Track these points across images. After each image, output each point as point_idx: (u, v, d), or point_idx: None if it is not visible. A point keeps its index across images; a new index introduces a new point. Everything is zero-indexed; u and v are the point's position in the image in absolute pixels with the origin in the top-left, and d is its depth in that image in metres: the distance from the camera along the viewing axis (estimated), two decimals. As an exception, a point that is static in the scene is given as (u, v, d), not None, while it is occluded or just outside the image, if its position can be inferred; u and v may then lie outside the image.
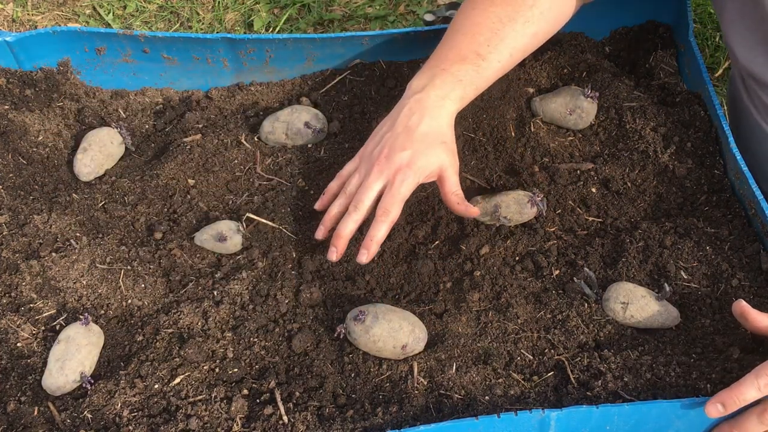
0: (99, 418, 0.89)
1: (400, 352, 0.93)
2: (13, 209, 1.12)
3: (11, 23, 2.24)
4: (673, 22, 1.34)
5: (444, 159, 1.02)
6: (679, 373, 0.90)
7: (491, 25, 1.07)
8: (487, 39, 1.07)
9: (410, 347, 0.93)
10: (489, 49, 1.07)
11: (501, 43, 1.07)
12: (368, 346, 0.94)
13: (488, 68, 1.07)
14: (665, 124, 1.19)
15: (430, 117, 1.03)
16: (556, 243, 1.06)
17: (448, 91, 1.04)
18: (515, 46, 1.09)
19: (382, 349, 0.93)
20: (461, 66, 1.06)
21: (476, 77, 1.06)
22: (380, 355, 0.94)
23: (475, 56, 1.06)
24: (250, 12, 2.23)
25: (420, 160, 1.01)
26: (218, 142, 1.22)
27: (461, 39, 1.09)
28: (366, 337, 0.93)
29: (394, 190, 1.00)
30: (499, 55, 1.08)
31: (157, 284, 1.05)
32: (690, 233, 1.05)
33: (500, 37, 1.07)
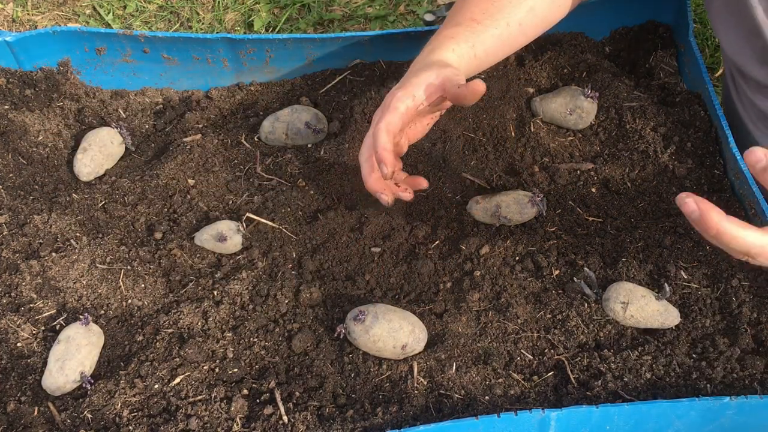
0: (99, 418, 0.89)
1: (400, 352, 0.93)
2: (13, 209, 1.12)
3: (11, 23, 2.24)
4: (673, 22, 1.34)
5: (436, 71, 0.97)
6: (679, 373, 0.90)
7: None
8: (483, 9, 1.07)
9: (410, 347, 0.93)
10: (484, 15, 1.06)
11: (498, 12, 1.06)
12: (368, 346, 0.94)
13: (484, 32, 1.06)
14: (665, 124, 1.19)
15: (421, 57, 1.03)
16: (556, 243, 1.06)
17: (437, 45, 1.04)
18: (513, 18, 1.07)
19: (382, 349, 0.93)
20: (455, 29, 1.05)
21: (470, 35, 1.05)
22: (380, 355, 0.94)
23: (469, 21, 1.06)
24: (250, 12, 2.23)
25: (407, 78, 0.98)
26: (218, 142, 1.22)
27: (456, 12, 1.09)
28: (366, 337, 0.93)
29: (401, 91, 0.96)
30: (496, 22, 1.06)
31: (157, 284, 1.05)
32: (690, 233, 1.05)
33: (496, 7, 1.06)
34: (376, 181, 0.99)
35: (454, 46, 1.03)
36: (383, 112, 0.96)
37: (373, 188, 0.99)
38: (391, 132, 0.95)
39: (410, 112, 0.96)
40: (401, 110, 0.95)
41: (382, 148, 0.94)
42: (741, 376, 0.89)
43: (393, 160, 0.94)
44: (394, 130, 0.95)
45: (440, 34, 1.06)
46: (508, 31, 1.07)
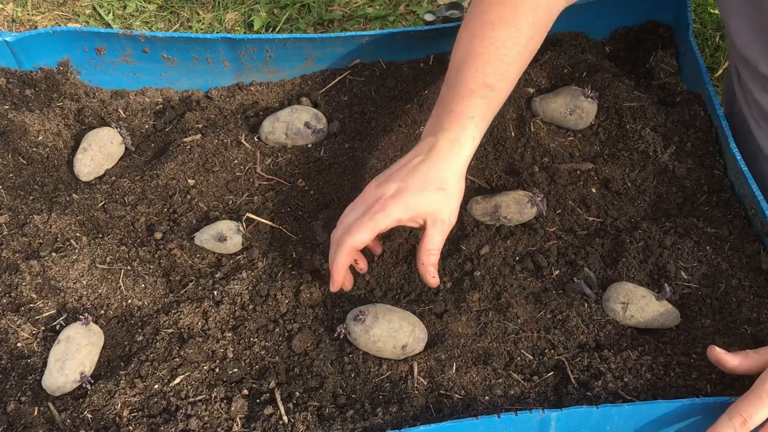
0: (99, 418, 0.89)
1: (400, 352, 0.93)
2: (13, 209, 1.12)
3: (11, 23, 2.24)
4: (673, 22, 1.34)
5: (435, 207, 0.93)
6: (679, 373, 0.90)
7: (496, 51, 1.00)
8: (494, 68, 1.00)
9: (410, 347, 0.93)
10: (497, 77, 0.99)
11: (509, 68, 1.01)
12: (368, 346, 0.94)
13: (497, 97, 1.00)
14: (665, 124, 1.19)
15: (437, 159, 0.94)
16: (556, 243, 1.06)
17: (458, 134, 0.96)
18: (521, 67, 1.04)
19: (382, 350, 0.93)
20: (470, 102, 0.98)
21: (487, 110, 0.99)
22: (380, 356, 0.94)
23: (483, 88, 0.99)
24: (250, 12, 2.23)
25: (407, 196, 0.92)
26: (218, 142, 1.22)
27: (466, 73, 1.00)
28: (366, 337, 0.93)
29: (366, 217, 0.92)
30: (507, 82, 1.01)
31: (157, 284, 1.05)
32: (690, 233, 1.05)
33: (507, 62, 1.00)
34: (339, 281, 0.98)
35: (474, 132, 0.97)
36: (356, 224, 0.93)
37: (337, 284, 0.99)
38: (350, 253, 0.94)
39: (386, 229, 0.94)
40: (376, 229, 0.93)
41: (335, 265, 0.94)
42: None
43: (340, 281, 0.96)
44: (358, 247, 0.94)
45: (457, 109, 0.97)
46: (514, 85, 1.04)
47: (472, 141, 0.97)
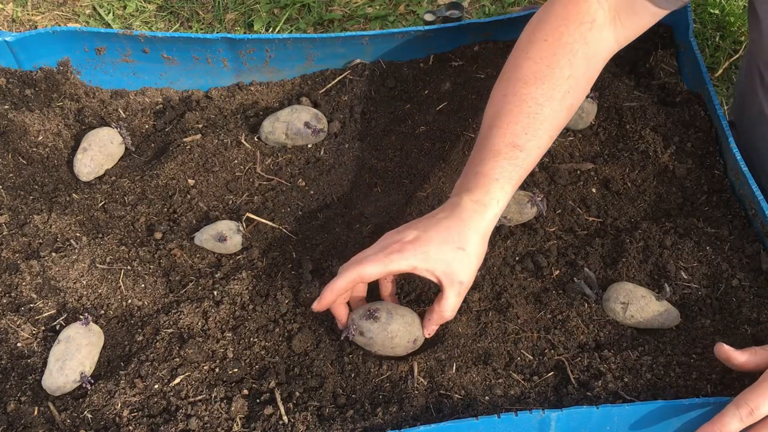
0: (99, 418, 0.89)
1: (411, 345, 0.93)
2: (13, 209, 1.12)
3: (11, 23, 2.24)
4: (673, 22, 1.34)
5: (454, 267, 0.89)
6: (679, 373, 0.90)
7: (527, 109, 0.96)
8: (524, 127, 0.95)
9: (419, 340, 0.94)
10: (527, 137, 0.95)
11: (540, 127, 0.96)
12: (384, 344, 0.92)
13: (527, 158, 0.95)
14: (665, 124, 1.19)
15: (460, 219, 0.91)
16: (556, 243, 1.06)
17: (482, 195, 0.92)
18: (554, 126, 0.98)
19: (397, 345, 0.92)
20: (496, 164, 0.94)
21: (514, 171, 0.94)
22: (393, 352, 0.94)
23: (511, 149, 0.94)
24: (250, 12, 2.23)
25: (426, 246, 0.89)
26: (218, 142, 1.22)
27: (495, 132, 0.96)
28: (384, 335, 0.92)
29: (381, 254, 0.89)
30: (539, 140, 0.96)
31: (157, 284, 1.05)
32: (690, 233, 1.05)
33: (539, 121, 0.96)
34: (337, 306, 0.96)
35: (499, 195, 0.93)
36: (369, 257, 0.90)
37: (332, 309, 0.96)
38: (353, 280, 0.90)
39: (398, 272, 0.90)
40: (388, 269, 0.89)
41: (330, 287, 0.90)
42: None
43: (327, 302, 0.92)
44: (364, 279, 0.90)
45: (483, 170, 0.94)
46: (549, 143, 0.99)
47: (496, 204, 0.93)
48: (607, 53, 1.04)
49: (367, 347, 0.95)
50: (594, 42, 1.00)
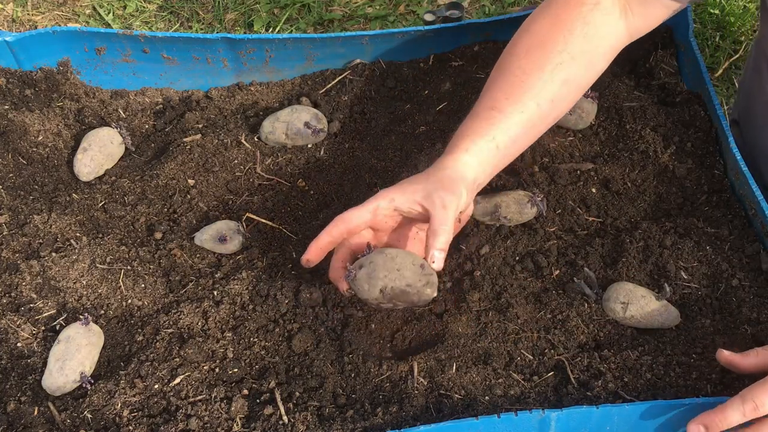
0: (99, 418, 0.89)
1: (420, 271, 0.90)
2: (13, 209, 1.12)
3: (11, 23, 2.24)
4: (673, 22, 1.34)
5: (431, 191, 0.92)
6: (679, 373, 0.90)
7: (512, 78, 0.98)
8: (506, 93, 0.98)
9: (427, 269, 0.90)
10: (507, 102, 0.97)
11: (524, 94, 0.97)
12: (387, 265, 0.89)
13: (505, 119, 0.96)
14: (665, 124, 1.19)
15: (432, 168, 0.96)
16: (556, 243, 1.06)
17: (451, 148, 0.97)
18: (543, 96, 0.98)
19: (402, 266, 0.89)
20: (471, 123, 0.98)
21: (487, 129, 0.96)
22: (403, 278, 0.90)
23: (488, 110, 0.97)
24: (250, 12, 2.23)
25: (403, 185, 0.94)
26: (218, 142, 1.22)
27: (479, 101, 1.01)
28: (382, 257, 0.89)
29: (360, 205, 0.93)
30: (522, 106, 0.97)
31: (157, 284, 1.05)
32: (690, 233, 1.05)
33: (523, 88, 0.97)
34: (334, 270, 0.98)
35: (468, 144, 0.96)
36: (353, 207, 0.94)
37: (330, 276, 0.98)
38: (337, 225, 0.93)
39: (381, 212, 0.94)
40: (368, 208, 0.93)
41: (316, 237, 0.93)
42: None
43: (315, 252, 0.94)
44: (349, 225, 0.93)
45: (458, 130, 0.99)
46: (539, 111, 0.98)
47: (465, 151, 0.96)
48: (615, 39, 1.04)
49: (373, 281, 0.90)
50: (597, 23, 1.00)
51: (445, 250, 0.91)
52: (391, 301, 0.91)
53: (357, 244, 0.97)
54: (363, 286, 0.90)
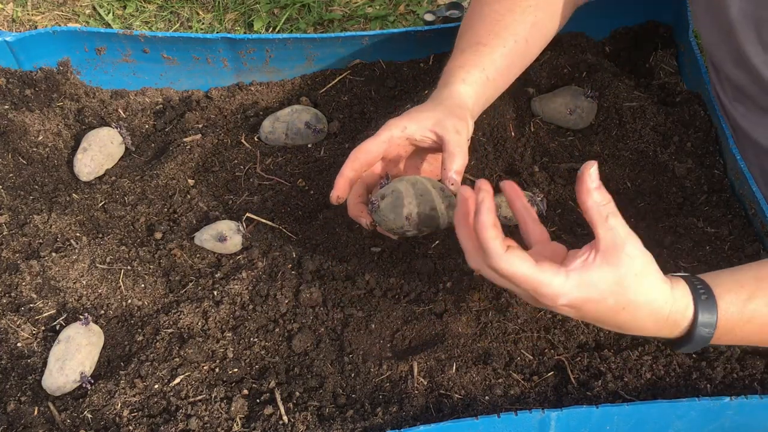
0: (99, 418, 0.89)
1: (441, 194, 0.90)
2: (13, 209, 1.12)
3: (11, 23, 2.24)
4: (673, 22, 1.34)
5: (440, 118, 0.94)
6: (679, 373, 0.90)
7: (489, 19, 1.06)
8: (487, 30, 1.05)
9: (447, 191, 0.91)
10: (489, 36, 1.04)
11: (503, 30, 1.04)
12: (409, 190, 0.89)
13: (492, 52, 1.03)
14: (665, 123, 1.19)
15: (430, 99, 1.00)
16: (556, 243, 1.06)
17: (446, 80, 1.02)
18: (519, 34, 1.05)
19: (424, 192, 0.89)
20: (460, 57, 1.04)
21: (479, 59, 1.02)
22: (429, 200, 0.89)
23: (474, 45, 1.04)
24: (250, 12, 2.23)
25: (409, 113, 0.96)
26: (218, 142, 1.22)
27: (460, 39, 1.07)
28: (404, 183, 0.89)
29: (372, 136, 0.95)
30: (503, 40, 1.04)
31: (157, 284, 1.05)
32: (690, 233, 1.05)
33: (501, 25, 1.05)
34: (353, 206, 0.98)
35: (464, 75, 1.01)
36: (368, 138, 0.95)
37: (350, 213, 0.99)
38: (357, 158, 0.94)
39: (395, 141, 0.95)
40: (382, 138, 0.94)
41: (339, 173, 0.94)
42: (741, 376, 0.89)
43: (343, 186, 0.95)
44: (368, 156, 0.94)
45: (448, 65, 1.04)
46: (516, 47, 1.05)
47: (462, 82, 1.00)
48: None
49: (398, 209, 0.89)
50: None
51: (461, 173, 0.93)
52: (417, 227, 0.90)
53: (370, 177, 0.99)
54: (388, 216, 0.90)
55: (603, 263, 0.75)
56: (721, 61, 1.10)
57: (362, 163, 0.95)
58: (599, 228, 0.76)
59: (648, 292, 0.76)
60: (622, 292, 0.75)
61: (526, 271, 0.74)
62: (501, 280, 0.78)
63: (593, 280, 0.75)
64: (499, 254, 0.74)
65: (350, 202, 0.98)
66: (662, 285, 0.78)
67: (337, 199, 0.96)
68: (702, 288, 0.80)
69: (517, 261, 0.74)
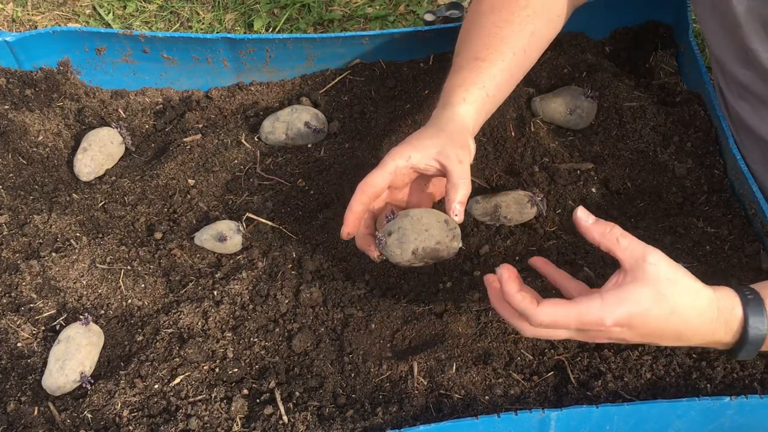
0: (99, 418, 0.89)
1: (445, 227, 0.91)
2: (13, 209, 1.12)
3: (11, 23, 2.24)
4: (673, 22, 1.34)
5: (443, 146, 0.94)
6: (679, 373, 0.90)
7: (486, 32, 1.05)
8: (485, 44, 1.04)
9: (451, 222, 0.92)
10: (488, 51, 1.03)
11: (501, 44, 1.04)
12: (415, 227, 0.91)
13: (491, 67, 1.02)
14: (665, 123, 1.19)
15: (431, 121, 1.00)
16: (556, 243, 1.06)
17: (446, 100, 1.01)
18: (518, 46, 1.04)
19: (429, 225, 0.91)
20: (458, 75, 1.03)
21: (477, 77, 1.02)
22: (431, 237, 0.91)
23: (472, 61, 1.03)
24: (250, 12, 2.23)
25: (412, 141, 0.95)
26: (218, 142, 1.22)
27: (458, 58, 1.06)
28: (409, 220, 0.91)
29: (377, 167, 0.94)
30: (501, 55, 1.03)
31: (157, 284, 1.05)
32: (690, 233, 1.05)
33: (499, 38, 1.04)
34: (361, 239, 0.98)
35: (464, 94, 1.00)
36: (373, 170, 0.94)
37: (359, 245, 0.98)
38: (365, 192, 0.94)
39: (400, 171, 0.94)
40: (388, 169, 0.94)
41: (348, 208, 0.94)
42: (741, 376, 0.89)
43: (352, 223, 0.94)
44: (375, 189, 0.94)
45: (448, 83, 1.03)
46: (515, 59, 1.05)
47: (462, 101, 1.00)
48: None
49: (405, 245, 0.91)
50: None
51: (465, 203, 0.94)
52: (423, 260, 0.93)
53: (377, 208, 1.00)
54: (395, 251, 0.92)
55: (632, 279, 0.78)
56: (725, 59, 1.10)
57: (370, 197, 0.95)
58: (616, 252, 0.80)
59: (688, 293, 0.79)
60: (662, 299, 0.77)
61: (563, 311, 0.78)
62: (555, 332, 0.81)
63: (629, 296, 0.77)
64: (534, 310, 0.78)
65: (358, 234, 0.98)
66: (699, 285, 0.80)
67: (347, 235, 0.96)
68: (747, 290, 0.82)
69: (551, 307, 0.78)
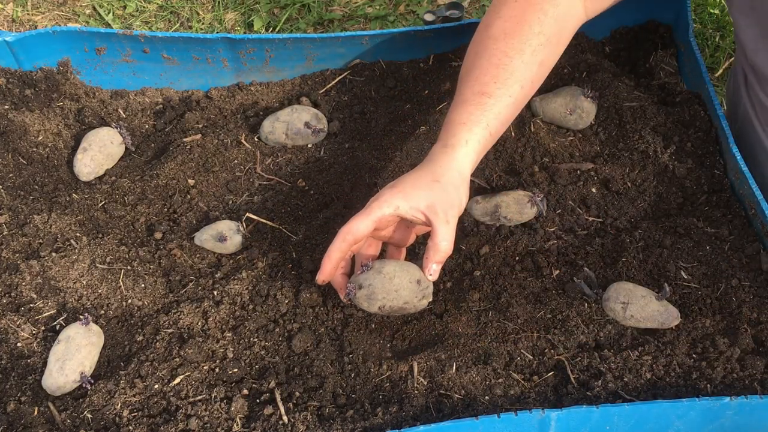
0: (99, 418, 0.89)
1: (417, 288, 0.92)
2: (13, 209, 1.12)
3: (11, 23, 2.24)
4: (673, 22, 1.34)
5: (433, 198, 0.92)
6: (679, 373, 0.90)
7: (496, 62, 1.00)
8: (493, 77, 0.99)
9: (424, 282, 0.93)
10: (496, 85, 0.99)
11: (510, 77, 0.99)
12: (385, 287, 0.91)
13: (497, 104, 0.98)
14: (665, 124, 1.19)
15: (429, 162, 0.96)
16: (556, 243, 1.06)
17: (448, 139, 0.97)
18: (526, 78, 1.01)
19: (400, 287, 0.91)
20: (463, 110, 0.98)
21: (482, 115, 0.98)
22: (400, 297, 0.92)
23: (478, 96, 0.98)
24: (250, 12, 2.23)
25: (403, 188, 0.93)
26: (218, 142, 1.22)
27: (464, 86, 1.01)
28: (380, 278, 0.91)
29: (365, 209, 0.92)
30: (509, 89, 0.99)
31: (157, 284, 1.05)
32: (690, 233, 1.05)
33: (509, 71, 0.99)
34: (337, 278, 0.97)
35: (467, 135, 0.97)
36: (355, 216, 0.93)
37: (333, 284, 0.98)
38: (345, 240, 0.92)
39: (385, 219, 0.92)
40: (372, 217, 0.92)
41: (326, 254, 0.93)
42: (741, 376, 0.89)
43: (327, 270, 0.93)
44: (356, 237, 0.92)
45: (451, 116, 0.99)
46: (522, 92, 1.01)
47: (465, 144, 0.97)
48: (576, 20, 1.08)
49: (372, 301, 0.92)
50: (563, 5, 1.04)
51: (442, 263, 0.94)
52: (389, 315, 0.97)
53: (356, 248, 0.98)
54: (363, 303, 0.94)
55: None
56: (763, 62, 1.09)
57: (350, 244, 0.93)
58: None
59: None
60: None
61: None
62: None
63: None
64: None
65: (336, 274, 0.97)
66: None
67: (322, 282, 0.96)
68: None
69: None
